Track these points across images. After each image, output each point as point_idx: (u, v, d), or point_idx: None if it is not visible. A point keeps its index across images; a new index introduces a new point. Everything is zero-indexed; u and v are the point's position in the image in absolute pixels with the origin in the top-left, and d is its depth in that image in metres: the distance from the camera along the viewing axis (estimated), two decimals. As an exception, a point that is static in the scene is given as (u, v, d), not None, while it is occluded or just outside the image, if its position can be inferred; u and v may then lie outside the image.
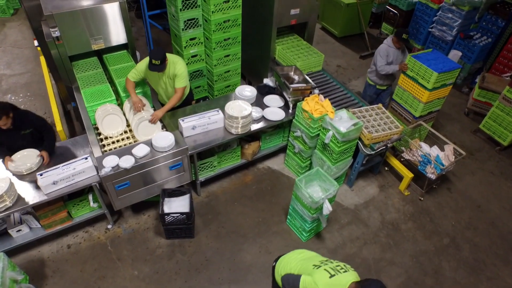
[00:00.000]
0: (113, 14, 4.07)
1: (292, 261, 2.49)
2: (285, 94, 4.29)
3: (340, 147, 3.86)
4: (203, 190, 4.46)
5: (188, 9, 4.39)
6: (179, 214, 3.64)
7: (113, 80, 4.18)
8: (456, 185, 4.80)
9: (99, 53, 4.59)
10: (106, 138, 3.80)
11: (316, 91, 4.32)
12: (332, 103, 4.46)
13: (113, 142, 3.74)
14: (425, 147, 4.56)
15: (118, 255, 3.78)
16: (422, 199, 4.52)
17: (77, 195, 3.67)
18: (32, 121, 3.60)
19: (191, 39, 4.66)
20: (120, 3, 4.05)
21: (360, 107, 4.53)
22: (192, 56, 4.83)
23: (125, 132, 3.86)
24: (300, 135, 4.23)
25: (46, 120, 3.75)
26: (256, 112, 4.15)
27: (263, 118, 4.20)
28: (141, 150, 3.50)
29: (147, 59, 3.86)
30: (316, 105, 4.00)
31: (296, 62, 4.77)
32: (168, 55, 3.86)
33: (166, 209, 3.78)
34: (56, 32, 3.87)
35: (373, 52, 7.05)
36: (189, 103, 4.47)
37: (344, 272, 2.22)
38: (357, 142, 4.09)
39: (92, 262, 3.72)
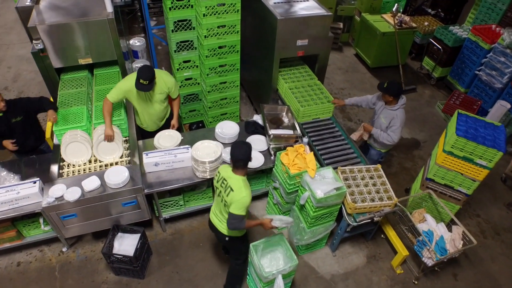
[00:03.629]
0: (100, 30, 3.89)
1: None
2: (267, 138, 3.80)
3: (316, 212, 3.32)
4: (170, 226, 4.14)
5: (181, 30, 4.09)
6: (122, 256, 3.36)
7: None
8: (466, 271, 3.96)
9: (93, 66, 4.48)
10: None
11: (305, 139, 3.78)
12: (325, 154, 3.90)
13: (73, 172, 3.53)
14: (430, 220, 3.81)
15: (62, 284, 3.60)
16: (416, 282, 3.78)
17: (30, 214, 3.54)
18: (23, 106, 3.60)
19: (184, 62, 4.36)
20: (108, 19, 3.85)
21: (358, 163, 3.89)
22: (186, 79, 4.54)
23: (90, 162, 3.65)
24: (279, 187, 3.73)
25: (35, 97, 3.78)
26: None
27: (238, 161, 3.76)
28: (90, 184, 3.26)
29: (130, 78, 3.63)
30: (296, 158, 3.48)
31: (300, 108, 4.09)
32: (156, 71, 3.62)
33: (117, 245, 3.54)
34: (39, 45, 3.77)
35: (406, 89, 6.31)
36: (169, 124, 4.13)
37: None
38: (341, 206, 3.50)
39: (34, 286, 3.57)
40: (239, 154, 2.73)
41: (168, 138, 3.87)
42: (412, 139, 5.53)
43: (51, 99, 4.09)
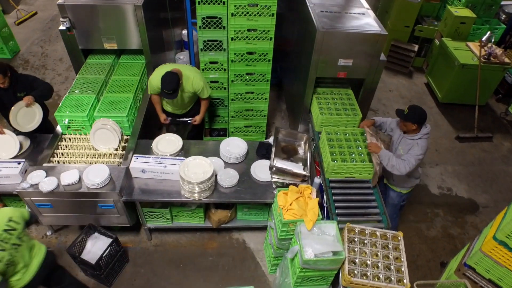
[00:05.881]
0: (126, 16, 3.69)
1: None
2: (270, 169, 3.22)
3: (302, 273, 2.70)
4: (157, 236, 3.81)
5: (210, 28, 3.68)
6: (84, 260, 3.11)
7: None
8: None
9: (122, 53, 4.34)
10: (65, 147, 3.49)
11: (317, 180, 3.13)
12: (339, 201, 3.18)
13: (63, 162, 3.38)
14: (459, 320, 2.91)
15: (33, 270, 3.49)
16: None
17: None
18: (25, 85, 3.49)
19: (211, 63, 3.95)
20: (135, 5, 3.61)
21: (379, 221, 3.12)
22: (212, 82, 4.14)
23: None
24: (274, 228, 3.15)
25: (40, 80, 3.61)
26: (228, 179, 3.23)
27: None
28: (68, 177, 3.04)
29: (157, 74, 3.46)
30: (296, 202, 2.86)
31: (330, 161, 3.16)
32: (181, 69, 3.48)
33: (89, 245, 3.33)
34: (65, 23, 3.68)
35: (479, 136, 5.21)
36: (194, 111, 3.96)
37: None
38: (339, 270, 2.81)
39: (8, 265, 3.51)
40: None
41: (168, 143, 3.52)
42: (469, 199, 4.46)
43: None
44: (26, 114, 3.45)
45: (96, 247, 3.29)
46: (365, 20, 3.62)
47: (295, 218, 2.79)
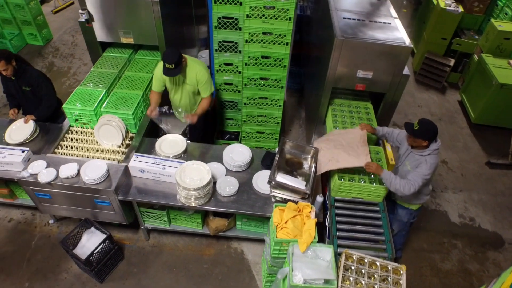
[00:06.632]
0: (143, 11, 3.65)
1: None
2: (269, 183, 3.03)
3: (291, 297, 2.51)
4: (155, 237, 3.76)
5: (226, 28, 3.55)
6: (76, 254, 3.09)
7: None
8: None
9: (140, 47, 4.31)
10: (71, 139, 3.50)
11: (319, 199, 2.92)
12: (341, 223, 2.96)
13: (67, 154, 3.37)
14: None
15: (31, 256, 3.53)
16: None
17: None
18: (31, 81, 3.49)
19: (226, 64, 3.83)
20: (152, 1, 3.55)
21: (383, 249, 2.87)
22: (226, 84, 4.02)
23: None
24: (269, 243, 2.99)
25: (48, 86, 3.59)
26: (227, 188, 3.10)
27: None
28: (66, 170, 3.03)
29: (161, 63, 3.34)
30: (292, 220, 2.68)
31: (337, 180, 2.98)
32: (188, 58, 3.34)
33: (84, 239, 3.32)
34: (84, 15, 3.69)
35: (513, 165, 4.75)
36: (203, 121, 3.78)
37: None
38: (333, 300, 2.60)
39: (8, 248, 3.58)
40: None
41: (172, 144, 3.44)
42: (494, 233, 4.06)
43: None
44: (21, 128, 3.49)
45: (90, 242, 3.27)
46: (390, 30, 3.36)
47: (288, 238, 2.61)
